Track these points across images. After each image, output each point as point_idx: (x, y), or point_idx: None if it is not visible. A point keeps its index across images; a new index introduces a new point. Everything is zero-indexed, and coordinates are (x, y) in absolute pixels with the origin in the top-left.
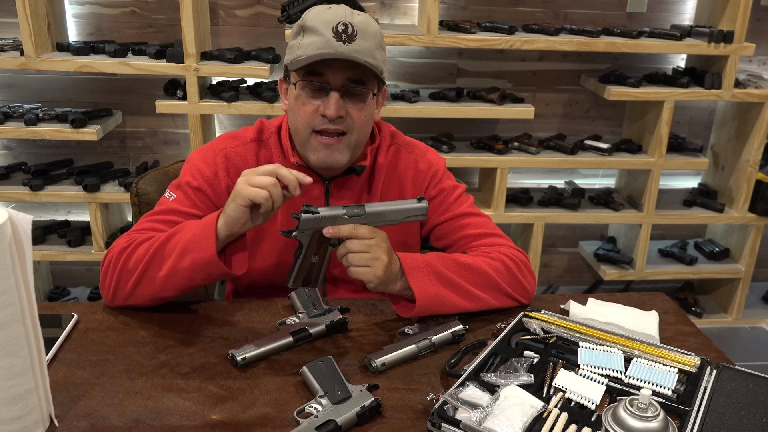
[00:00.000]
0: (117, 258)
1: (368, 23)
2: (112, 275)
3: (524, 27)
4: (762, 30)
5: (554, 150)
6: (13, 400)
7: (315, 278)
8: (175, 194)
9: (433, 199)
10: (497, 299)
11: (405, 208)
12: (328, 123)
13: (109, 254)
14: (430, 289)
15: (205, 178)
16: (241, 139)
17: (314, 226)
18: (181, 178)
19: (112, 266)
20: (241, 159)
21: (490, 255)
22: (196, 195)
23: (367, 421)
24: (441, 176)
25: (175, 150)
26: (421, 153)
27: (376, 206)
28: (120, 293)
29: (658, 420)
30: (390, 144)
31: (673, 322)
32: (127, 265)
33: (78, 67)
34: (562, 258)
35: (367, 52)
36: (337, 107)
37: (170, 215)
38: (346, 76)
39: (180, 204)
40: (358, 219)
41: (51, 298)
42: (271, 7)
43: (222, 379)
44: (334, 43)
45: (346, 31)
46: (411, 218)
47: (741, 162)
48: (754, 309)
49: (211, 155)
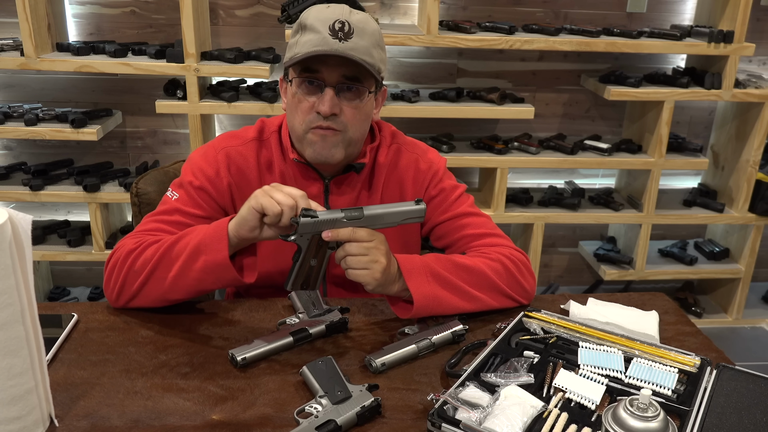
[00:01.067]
0: (124, 259)
1: (366, 22)
2: (118, 276)
3: (524, 27)
4: (762, 30)
5: (554, 150)
6: (13, 400)
7: (314, 281)
8: (178, 193)
9: (434, 198)
10: (496, 300)
11: (403, 210)
12: (322, 120)
13: (115, 255)
14: (428, 291)
15: (207, 177)
16: (242, 138)
17: (313, 230)
18: (182, 177)
19: (119, 267)
20: (242, 158)
21: (489, 255)
22: (199, 194)
23: (367, 421)
24: (441, 176)
25: (175, 150)
26: (421, 152)
27: (374, 209)
28: (125, 294)
29: (658, 420)
30: (391, 143)
31: (673, 322)
32: (135, 266)
33: (78, 67)
34: (562, 258)
35: (364, 50)
36: (331, 104)
37: (174, 215)
38: (341, 73)
39: (182, 203)
40: (357, 222)
41: (51, 298)
42: (271, 7)
43: (222, 379)
44: (330, 40)
45: (342, 29)
46: (409, 220)
47: (741, 162)
48: (754, 309)
49: (212, 154)
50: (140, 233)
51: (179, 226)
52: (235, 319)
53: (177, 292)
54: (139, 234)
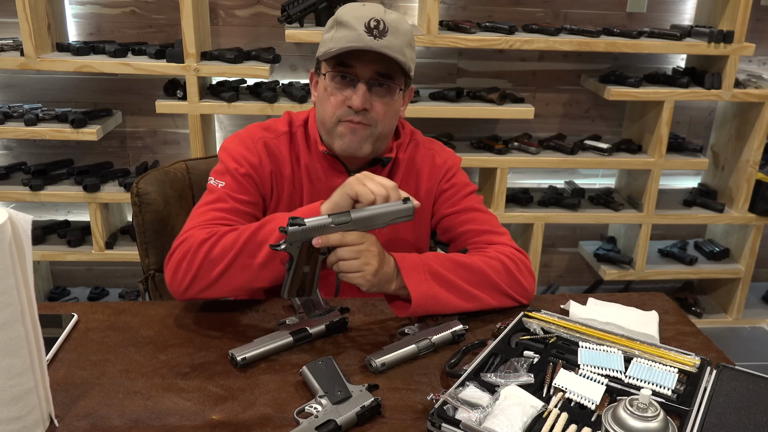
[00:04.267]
0: (198, 247)
1: (400, 21)
2: (190, 265)
3: (524, 27)
4: (762, 30)
5: (554, 150)
6: (13, 400)
7: (309, 287)
8: (224, 181)
9: (444, 192)
10: (496, 299)
11: (391, 210)
12: (353, 114)
13: (184, 244)
14: (426, 289)
15: (251, 164)
16: (275, 131)
17: (302, 237)
18: (225, 164)
19: (191, 255)
20: (278, 150)
21: (488, 254)
22: (246, 180)
23: (367, 421)
24: (455, 172)
25: (175, 150)
26: (438, 149)
27: (361, 212)
28: (199, 283)
29: (658, 420)
30: (410, 141)
31: (673, 322)
32: (211, 255)
33: (78, 67)
34: (562, 258)
35: (397, 48)
36: (363, 99)
37: (228, 201)
38: (374, 69)
39: (231, 190)
40: (345, 226)
41: (51, 298)
42: (271, 7)
43: (222, 379)
44: (365, 37)
45: (377, 27)
46: (398, 220)
47: (741, 162)
48: (754, 309)
49: (251, 143)
50: (205, 223)
51: (237, 213)
52: (235, 319)
53: (263, 279)
54: (204, 224)
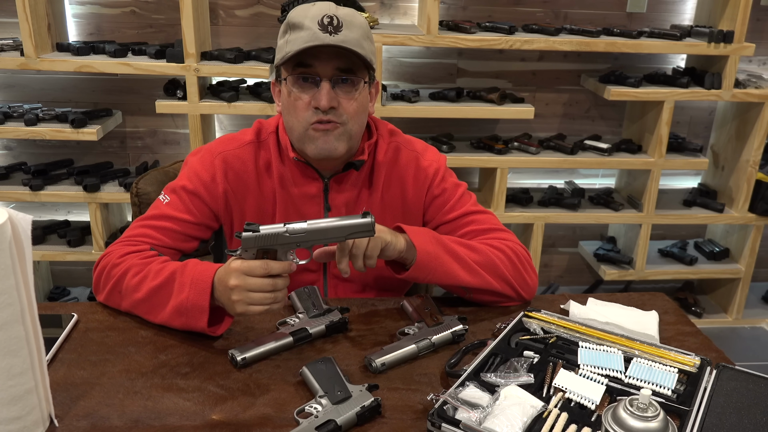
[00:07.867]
0: (108, 273)
1: (353, 15)
2: (105, 284)
3: (524, 27)
4: (762, 30)
5: (554, 150)
6: (13, 400)
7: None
8: (170, 197)
9: (437, 198)
10: (498, 284)
11: (349, 224)
12: (321, 115)
13: (102, 261)
14: (431, 249)
15: (202, 182)
16: (239, 142)
17: (256, 244)
18: (177, 181)
19: (105, 277)
20: (239, 162)
21: (494, 245)
22: (191, 199)
23: (367, 421)
24: (443, 175)
25: (175, 150)
26: (421, 151)
27: (318, 223)
28: (115, 305)
29: (658, 420)
30: (389, 141)
31: (673, 322)
32: (120, 287)
33: (78, 67)
34: (562, 258)
35: (354, 41)
36: (328, 97)
37: (162, 221)
38: (335, 65)
39: (173, 209)
40: (300, 236)
41: (51, 298)
42: (271, 7)
43: (222, 379)
44: (320, 34)
45: (332, 22)
46: (356, 235)
47: (741, 162)
48: (754, 309)
49: (209, 159)
50: (128, 240)
51: (167, 233)
52: (235, 319)
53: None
54: (126, 240)
